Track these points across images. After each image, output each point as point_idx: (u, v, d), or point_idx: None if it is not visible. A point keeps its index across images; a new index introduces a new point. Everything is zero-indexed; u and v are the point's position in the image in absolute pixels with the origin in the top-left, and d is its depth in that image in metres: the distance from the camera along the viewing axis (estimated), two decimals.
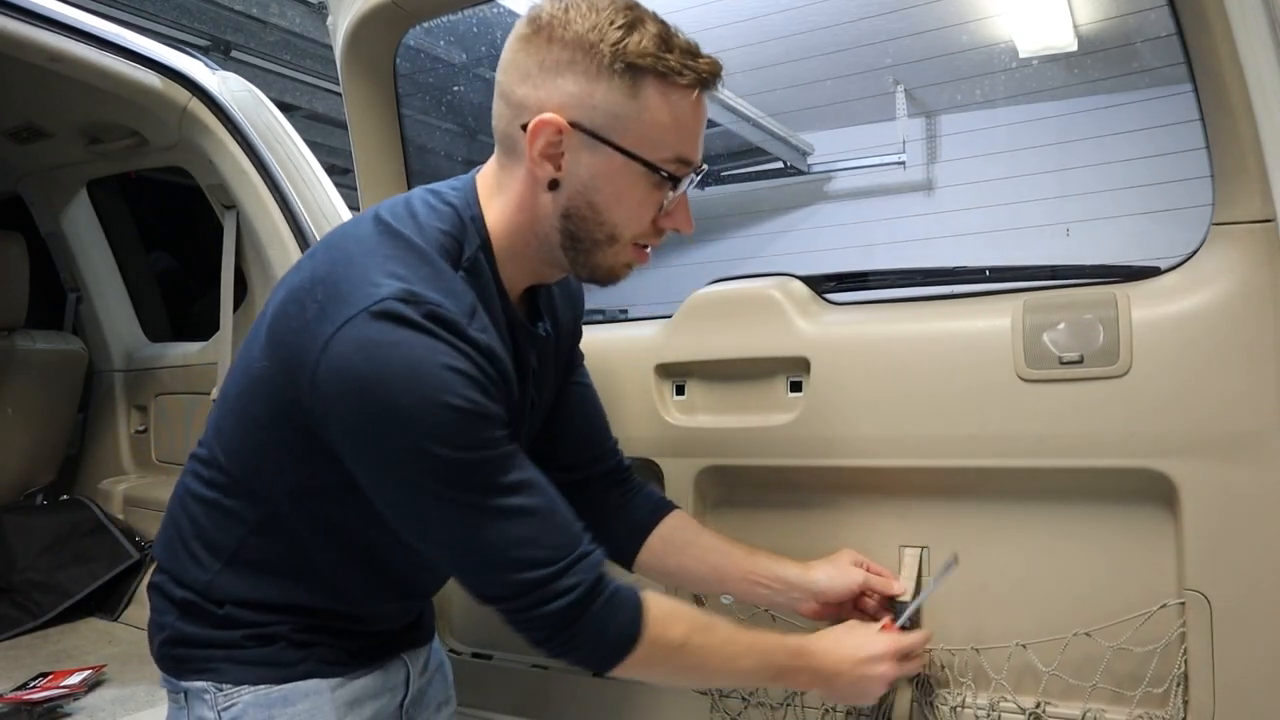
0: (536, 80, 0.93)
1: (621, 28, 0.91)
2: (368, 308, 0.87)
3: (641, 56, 0.91)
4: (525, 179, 0.97)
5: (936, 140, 6.85)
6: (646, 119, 0.93)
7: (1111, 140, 5.91)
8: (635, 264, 1.03)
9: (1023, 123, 6.25)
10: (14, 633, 2.08)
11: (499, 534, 0.92)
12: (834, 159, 7.05)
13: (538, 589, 0.93)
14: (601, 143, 0.94)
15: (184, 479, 1.08)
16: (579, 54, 0.92)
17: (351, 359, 0.86)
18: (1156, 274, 1.16)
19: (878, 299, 1.38)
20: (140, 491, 2.41)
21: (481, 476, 0.91)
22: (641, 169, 0.95)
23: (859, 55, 5.72)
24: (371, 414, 0.86)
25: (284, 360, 0.93)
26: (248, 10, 4.25)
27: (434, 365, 0.86)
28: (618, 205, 0.97)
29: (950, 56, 5.77)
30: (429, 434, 0.87)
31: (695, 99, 0.95)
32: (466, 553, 0.94)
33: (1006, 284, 1.29)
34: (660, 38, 0.93)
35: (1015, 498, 1.21)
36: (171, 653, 1.05)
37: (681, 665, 1.04)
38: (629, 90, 0.92)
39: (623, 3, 0.94)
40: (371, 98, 1.61)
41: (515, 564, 0.93)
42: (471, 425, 0.88)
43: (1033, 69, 5.76)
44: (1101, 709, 1.16)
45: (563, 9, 0.93)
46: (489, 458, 0.91)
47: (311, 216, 1.98)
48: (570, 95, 0.92)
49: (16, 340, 2.41)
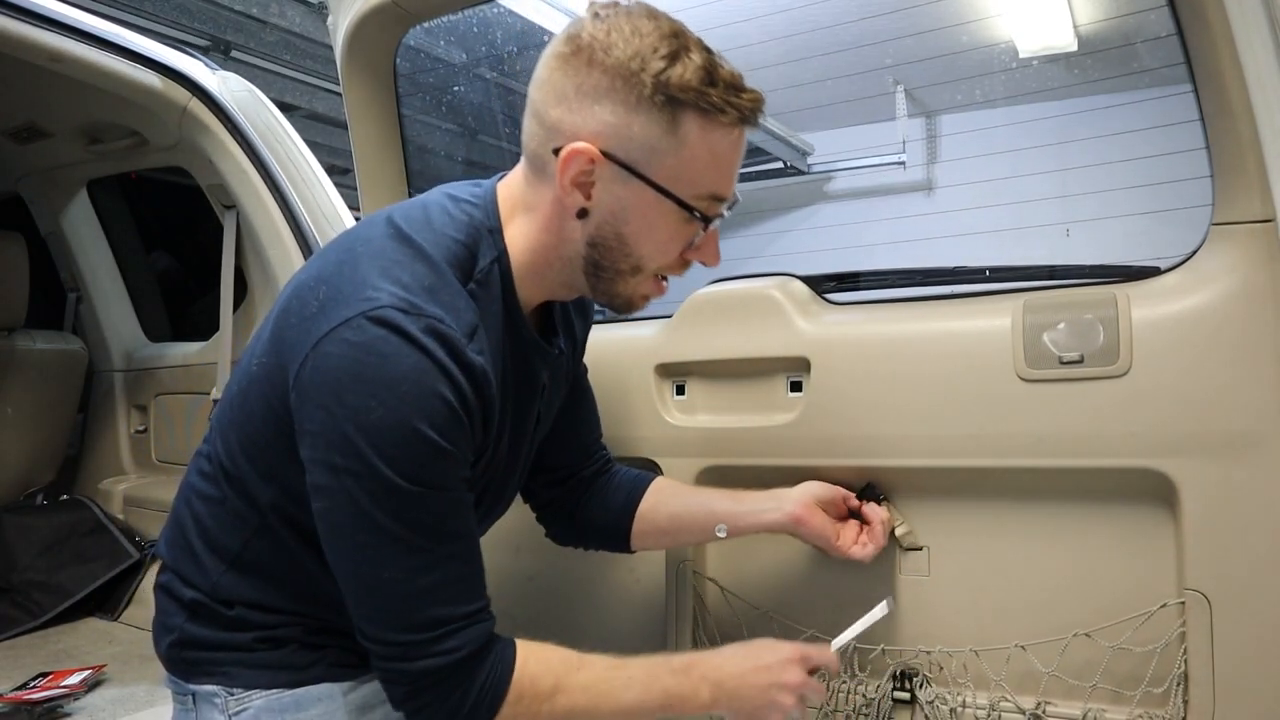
0: (573, 104, 0.90)
1: (665, 57, 0.88)
2: (365, 312, 0.85)
3: (684, 90, 0.88)
4: (553, 202, 0.95)
5: (936, 140, 6.85)
6: (684, 155, 0.90)
7: (1111, 140, 5.91)
8: (653, 295, 1.02)
9: (1023, 123, 6.25)
10: (14, 633, 2.08)
11: (409, 579, 0.88)
12: (834, 159, 7.04)
13: (416, 646, 0.89)
14: (635, 176, 0.91)
15: (189, 477, 1.07)
16: (619, 82, 0.88)
17: (338, 360, 0.85)
18: (1156, 274, 1.16)
19: (878, 299, 1.38)
20: (140, 491, 2.41)
21: (418, 515, 0.87)
22: (673, 205, 0.92)
23: (859, 55, 5.72)
24: (340, 417, 0.84)
25: (280, 355, 0.92)
26: (248, 10, 4.24)
27: (419, 387, 0.84)
28: (646, 238, 0.95)
29: (950, 56, 5.77)
30: (387, 454, 0.84)
31: (736, 136, 0.92)
32: (368, 586, 0.89)
33: (1006, 284, 1.29)
34: (705, 70, 0.89)
35: (1015, 498, 1.21)
36: (180, 655, 1.04)
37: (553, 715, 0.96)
38: (668, 124, 0.89)
39: (668, 28, 0.90)
40: (371, 98, 1.61)
41: (409, 612, 0.89)
42: (434, 461, 0.86)
43: (1033, 69, 5.76)
44: (1102, 709, 1.16)
45: (605, 31, 0.89)
46: (434, 498, 0.87)
47: (311, 216, 1.98)
48: (606, 124, 0.89)
49: (16, 340, 2.41)
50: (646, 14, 0.90)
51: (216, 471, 1.02)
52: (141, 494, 2.40)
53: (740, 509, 1.21)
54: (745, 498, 1.23)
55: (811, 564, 1.33)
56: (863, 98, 6.35)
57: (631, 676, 0.99)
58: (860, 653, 1.28)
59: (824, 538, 1.19)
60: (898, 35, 5.52)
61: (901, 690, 1.26)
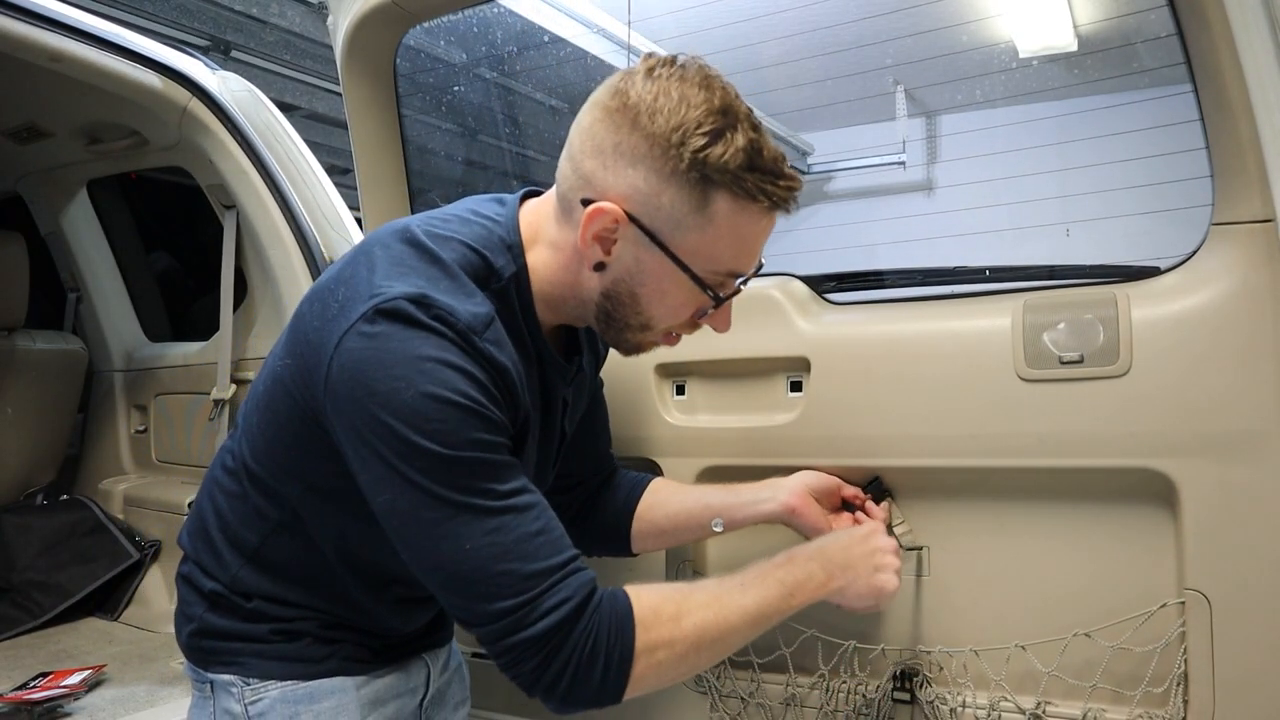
0: (608, 160, 0.91)
1: (707, 134, 0.87)
2: (376, 305, 0.86)
3: (721, 172, 0.88)
4: (574, 248, 0.95)
5: (936, 140, 6.86)
6: (709, 233, 0.91)
7: (1111, 140, 5.92)
8: (661, 345, 1.04)
9: (1023, 123, 6.26)
10: (14, 633, 2.08)
11: (488, 543, 0.87)
12: (834, 159, 7.05)
13: (523, 608, 0.87)
14: (656, 244, 0.92)
15: (213, 470, 1.10)
16: (657, 150, 0.88)
17: (360, 353, 0.86)
18: (1156, 274, 1.16)
19: (878, 299, 1.38)
20: (140, 491, 2.41)
21: (475, 479, 0.87)
22: (689, 279, 0.93)
23: (859, 55, 5.73)
24: (375, 406, 0.85)
25: (304, 358, 0.93)
26: (248, 10, 4.24)
27: (435, 361, 0.85)
28: (658, 303, 0.96)
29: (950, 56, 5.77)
30: (427, 429, 0.84)
31: (766, 222, 0.93)
32: (454, 565, 0.88)
33: (1006, 284, 1.29)
34: (746, 153, 0.88)
35: (1015, 497, 1.21)
36: (199, 644, 1.06)
37: (686, 637, 0.94)
38: (698, 201, 0.89)
39: (718, 103, 0.88)
40: (371, 98, 1.61)
41: (502, 577, 0.87)
42: (468, 423, 0.86)
43: (1033, 69, 5.77)
44: (1102, 709, 1.16)
45: (653, 96, 0.88)
46: (484, 460, 0.87)
47: (311, 216, 1.98)
48: (637, 189, 0.90)
49: (16, 340, 2.41)
50: (700, 82, 0.89)
51: (239, 468, 1.04)
52: (141, 494, 2.40)
53: (735, 501, 1.22)
54: (741, 490, 1.23)
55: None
56: (863, 98, 6.36)
57: (743, 582, 0.99)
58: (860, 653, 1.29)
59: (817, 530, 1.18)
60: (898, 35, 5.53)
61: (901, 690, 1.25)
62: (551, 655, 0.88)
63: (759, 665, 1.35)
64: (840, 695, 1.29)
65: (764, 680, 1.35)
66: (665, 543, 1.30)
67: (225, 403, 2.18)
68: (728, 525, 1.21)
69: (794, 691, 1.33)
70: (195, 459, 2.37)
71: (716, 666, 1.38)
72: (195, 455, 2.37)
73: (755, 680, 1.35)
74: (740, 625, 0.97)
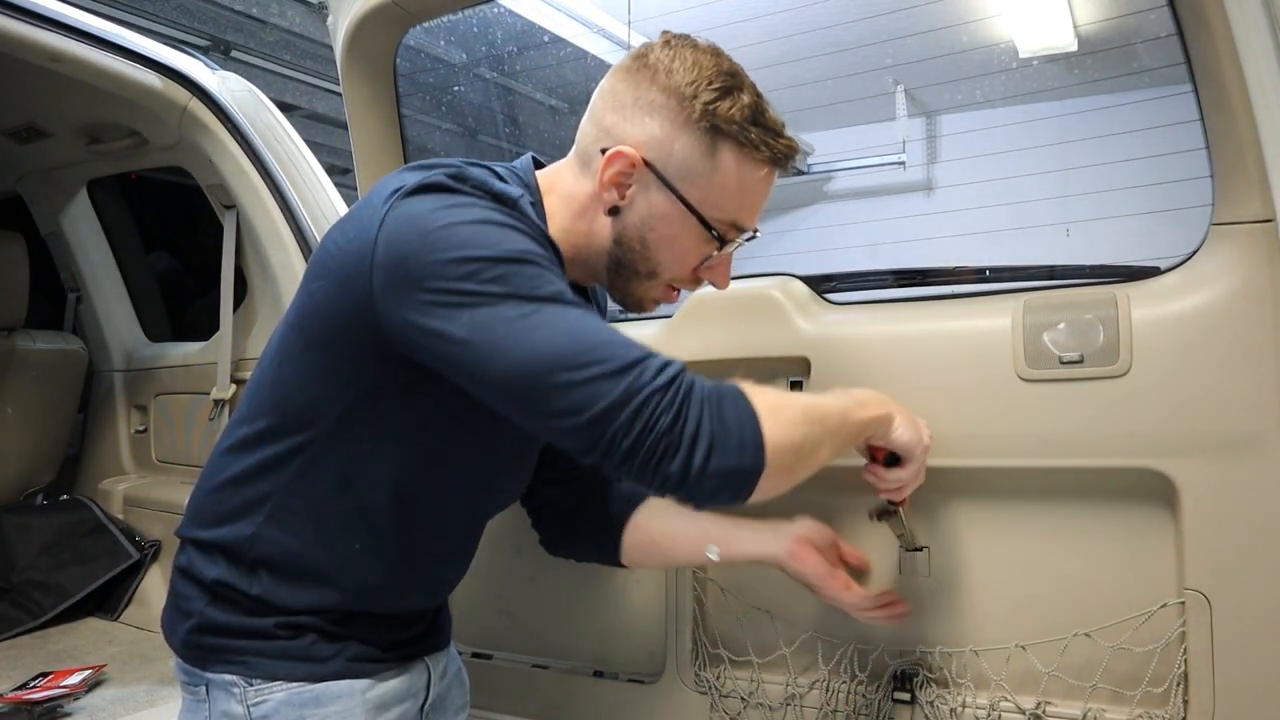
0: (628, 112, 1.00)
1: (718, 90, 0.97)
2: (417, 184, 0.90)
3: (728, 122, 0.98)
4: (590, 196, 1.03)
5: (936, 140, 6.86)
6: (716, 180, 1.00)
7: (1111, 140, 5.92)
8: (663, 301, 1.09)
9: (1023, 123, 6.26)
10: (14, 633, 2.08)
11: (579, 324, 0.87)
12: (834, 159, 7.05)
13: (631, 370, 0.84)
14: (668, 188, 1.00)
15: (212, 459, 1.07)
16: (672, 101, 0.98)
17: (405, 213, 0.89)
18: (1156, 274, 1.16)
19: (878, 299, 1.38)
20: (140, 491, 2.41)
21: (540, 282, 0.87)
22: (696, 222, 1.01)
23: (859, 55, 5.73)
24: (430, 248, 0.86)
25: (343, 265, 0.92)
26: (248, 10, 4.25)
27: (480, 218, 0.88)
28: (666, 248, 1.03)
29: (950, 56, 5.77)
30: (482, 244, 0.87)
31: (766, 174, 1.02)
32: (551, 351, 0.85)
33: (1006, 284, 1.29)
34: (751, 109, 0.99)
35: (1015, 498, 1.21)
36: (199, 641, 1.03)
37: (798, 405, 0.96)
38: (707, 149, 0.99)
39: (727, 67, 1.00)
40: (371, 98, 1.61)
41: (600, 354, 0.85)
42: (526, 240, 0.89)
43: (1033, 69, 5.77)
44: (1102, 709, 1.16)
45: (670, 56, 0.99)
46: (545, 272, 0.88)
47: (311, 216, 1.99)
48: (653, 137, 0.99)
49: (16, 340, 2.41)
50: (711, 51, 1.01)
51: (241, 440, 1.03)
52: (141, 494, 2.40)
53: (735, 535, 1.21)
54: (741, 524, 1.22)
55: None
56: (863, 98, 6.36)
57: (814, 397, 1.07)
58: (860, 653, 1.29)
59: (817, 578, 1.18)
60: (898, 35, 5.53)
61: (901, 690, 1.25)
62: (685, 406, 0.85)
63: (759, 665, 1.35)
64: (840, 695, 1.29)
65: (764, 680, 1.35)
66: (656, 559, 1.29)
67: (225, 403, 2.18)
68: (724, 557, 1.21)
69: (794, 691, 1.33)
70: (195, 459, 2.37)
71: (716, 666, 1.38)
72: (195, 455, 2.37)
73: (755, 680, 1.35)
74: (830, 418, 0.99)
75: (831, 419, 1.00)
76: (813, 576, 1.18)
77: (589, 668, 1.50)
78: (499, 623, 1.56)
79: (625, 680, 1.47)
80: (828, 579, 1.17)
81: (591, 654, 1.49)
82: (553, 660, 1.52)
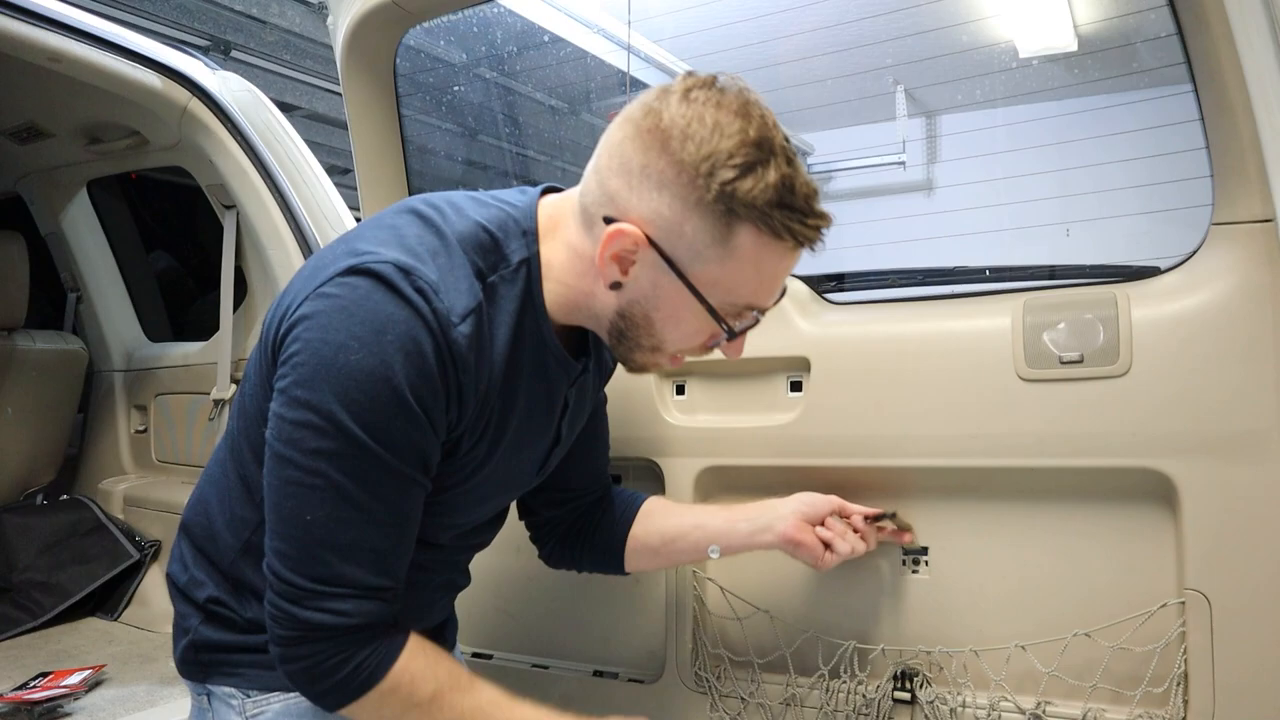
0: (634, 181, 0.88)
1: (738, 167, 0.83)
2: (363, 264, 0.85)
3: (748, 207, 0.84)
4: (592, 261, 0.92)
5: (936, 140, 6.86)
6: (730, 266, 0.88)
7: (1111, 140, 5.91)
8: (669, 367, 1.02)
9: (1023, 123, 6.25)
10: (14, 633, 2.08)
11: (332, 527, 0.87)
12: (834, 159, 7.05)
13: (313, 595, 0.88)
14: (674, 272, 0.89)
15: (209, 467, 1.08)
16: (685, 178, 0.85)
17: (331, 300, 0.85)
18: (1156, 274, 1.16)
19: (878, 299, 1.38)
20: (140, 491, 2.41)
21: (365, 470, 0.86)
22: (704, 308, 0.90)
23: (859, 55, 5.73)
24: (319, 351, 0.84)
25: (280, 310, 0.92)
26: (248, 10, 4.25)
27: (403, 339, 0.83)
28: (672, 328, 0.94)
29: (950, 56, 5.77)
30: (354, 399, 0.83)
31: (791, 259, 0.90)
32: (290, 523, 0.88)
33: (1006, 284, 1.29)
34: (777, 189, 0.84)
35: (1015, 498, 1.21)
36: (196, 658, 1.04)
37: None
38: (722, 233, 0.86)
39: (754, 135, 0.84)
40: (371, 98, 1.61)
41: (317, 559, 0.87)
42: (398, 419, 0.85)
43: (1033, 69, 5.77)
44: (1102, 709, 1.16)
45: (686, 120, 0.85)
46: (385, 462, 0.86)
47: (311, 216, 1.98)
48: (660, 215, 0.87)
49: (16, 340, 2.41)
50: (738, 109, 0.86)
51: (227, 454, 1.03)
52: (141, 494, 2.40)
53: (732, 529, 1.21)
54: (738, 515, 1.22)
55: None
56: (863, 98, 6.36)
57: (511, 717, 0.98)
58: (860, 653, 1.29)
59: (815, 560, 1.19)
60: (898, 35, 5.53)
61: (901, 690, 1.26)
62: (302, 641, 0.89)
63: (759, 665, 1.35)
64: (840, 695, 1.29)
65: (764, 680, 1.35)
66: (659, 562, 1.30)
67: (225, 403, 2.18)
68: (724, 551, 1.21)
69: (794, 691, 1.33)
70: (195, 459, 2.37)
71: (716, 666, 1.38)
72: (195, 455, 2.37)
73: (755, 680, 1.35)
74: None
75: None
76: (809, 559, 1.19)
77: (589, 668, 1.50)
78: (499, 623, 1.56)
79: (625, 680, 1.47)
80: (823, 561, 1.18)
81: (591, 654, 1.49)
82: (553, 660, 1.52)
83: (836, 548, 1.18)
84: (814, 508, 1.20)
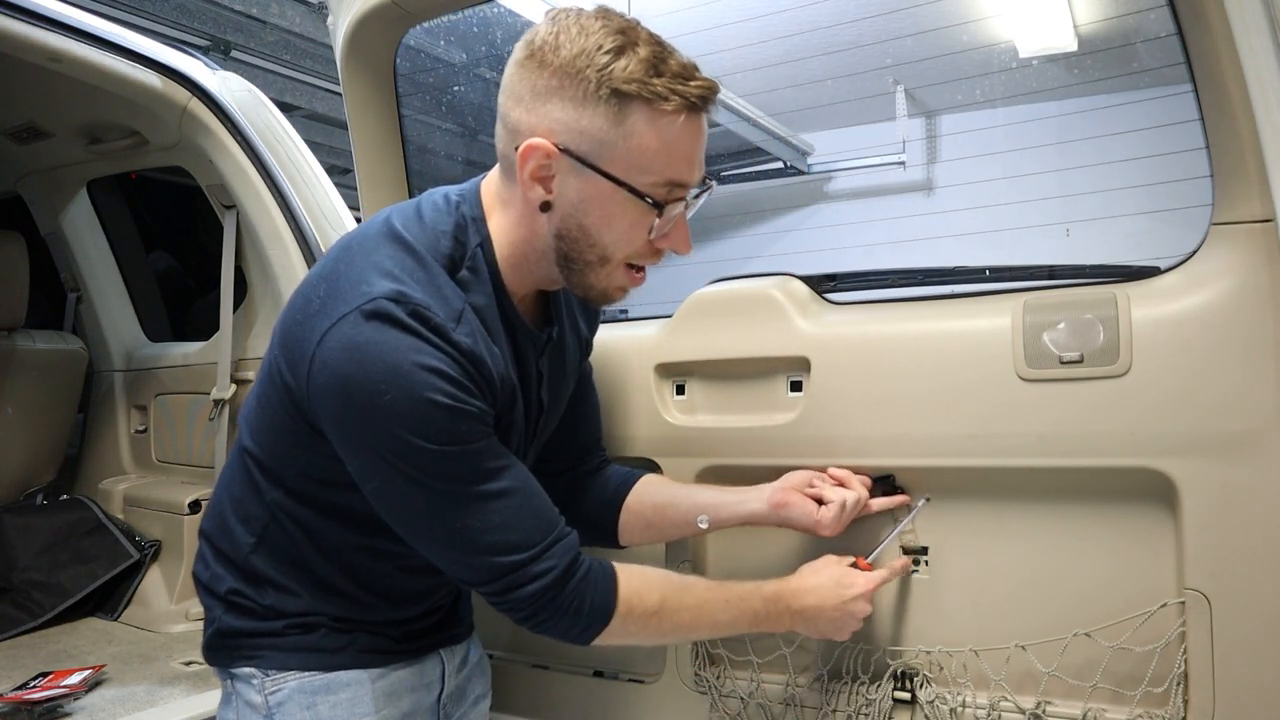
0: (528, 105, 0.96)
1: (609, 53, 0.92)
2: (359, 306, 0.91)
3: (627, 83, 0.92)
4: (521, 199, 1.00)
5: (936, 140, 6.85)
6: (633, 145, 0.94)
7: (1111, 140, 5.91)
8: (629, 286, 1.05)
9: (1023, 123, 6.25)
10: (14, 633, 2.08)
11: (476, 521, 0.96)
12: (834, 159, 7.04)
13: (514, 572, 0.97)
14: (589, 168, 0.95)
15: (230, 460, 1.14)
16: (567, 80, 0.93)
17: (339, 355, 0.91)
18: (1156, 274, 1.16)
19: (878, 299, 1.38)
20: (140, 491, 2.41)
21: (459, 468, 0.94)
22: (628, 194, 0.96)
23: (859, 55, 5.72)
24: (356, 406, 0.91)
25: (289, 352, 0.97)
26: (248, 10, 4.24)
27: (414, 364, 0.90)
28: (608, 228, 0.99)
29: (950, 56, 5.77)
30: (409, 427, 0.91)
31: (684, 122, 0.95)
32: (446, 540, 0.98)
33: (1006, 284, 1.29)
34: (649, 62, 0.92)
35: (1015, 498, 1.21)
36: (220, 644, 1.11)
37: (661, 628, 1.08)
38: (615, 117, 0.93)
39: (616, 24, 0.94)
40: (371, 98, 1.61)
41: (492, 549, 0.96)
42: (450, 420, 0.92)
43: (1033, 69, 5.76)
44: (1102, 709, 1.16)
45: (554, 34, 0.94)
46: (467, 451, 0.94)
47: (311, 216, 1.99)
48: (558, 121, 0.94)
49: (16, 340, 2.41)
50: (597, 14, 0.95)
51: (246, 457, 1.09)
52: (141, 494, 2.39)
53: (722, 500, 1.24)
54: (728, 490, 1.25)
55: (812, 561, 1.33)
56: (863, 98, 6.35)
57: (728, 600, 1.11)
58: (860, 653, 1.29)
59: (807, 517, 1.19)
60: (898, 35, 5.52)
61: (902, 690, 1.26)
62: (537, 611, 1.00)
63: (759, 665, 1.35)
64: (840, 695, 1.29)
65: (764, 680, 1.35)
66: (651, 536, 1.30)
67: (225, 403, 2.18)
68: (714, 524, 1.23)
69: (794, 691, 1.33)
70: (195, 459, 2.37)
71: (716, 667, 1.38)
72: (195, 455, 2.37)
73: (755, 680, 1.35)
74: (707, 634, 1.16)
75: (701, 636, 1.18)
76: (803, 522, 1.20)
77: (589, 668, 1.50)
78: (499, 622, 1.55)
79: (625, 680, 1.47)
80: (813, 515, 1.19)
81: (591, 654, 1.49)
82: (553, 660, 1.53)
83: (826, 495, 1.19)
84: (801, 475, 1.24)
